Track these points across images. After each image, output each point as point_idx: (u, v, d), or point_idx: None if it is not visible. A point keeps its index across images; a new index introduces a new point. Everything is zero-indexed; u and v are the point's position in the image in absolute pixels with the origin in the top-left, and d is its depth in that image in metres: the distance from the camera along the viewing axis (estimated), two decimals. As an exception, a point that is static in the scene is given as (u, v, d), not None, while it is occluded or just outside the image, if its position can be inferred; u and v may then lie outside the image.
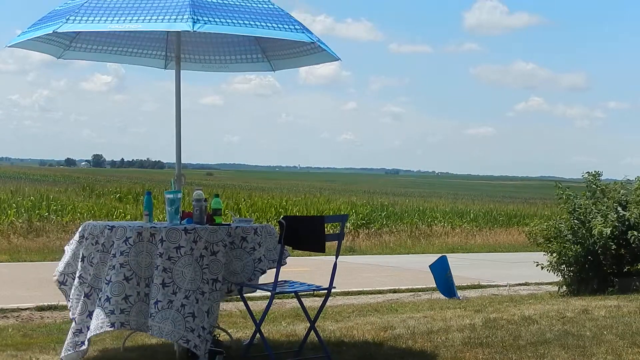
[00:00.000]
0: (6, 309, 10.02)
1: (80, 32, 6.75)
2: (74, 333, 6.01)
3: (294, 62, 7.16)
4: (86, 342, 5.91)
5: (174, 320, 5.67)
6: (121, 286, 5.75)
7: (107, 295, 5.75)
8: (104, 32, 6.95)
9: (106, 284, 5.78)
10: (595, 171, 12.86)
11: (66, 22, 5.59)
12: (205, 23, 5.53)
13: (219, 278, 5.97)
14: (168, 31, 7.14)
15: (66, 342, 6.02)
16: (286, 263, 6.37)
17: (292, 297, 10.27)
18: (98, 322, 5.76)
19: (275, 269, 6.14)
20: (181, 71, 6.68)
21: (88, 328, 5.89)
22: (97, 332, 5.80)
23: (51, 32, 5.70)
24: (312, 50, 6.59)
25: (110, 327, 5.78)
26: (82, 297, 6.02)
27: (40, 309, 10.16)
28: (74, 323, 6.04)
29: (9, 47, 6.28)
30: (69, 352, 5.98)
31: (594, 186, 12.66)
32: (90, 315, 5.91)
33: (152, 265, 5.77)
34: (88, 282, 6.00)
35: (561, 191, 12.67)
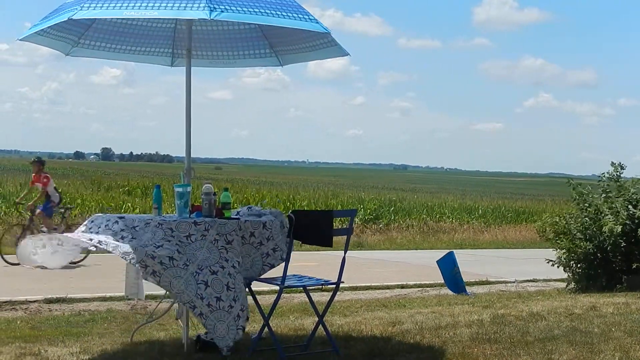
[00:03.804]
0: (15, 302, 10.06)
1: (88, 28, 6.76)
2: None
3: (302, 56, 7.13)
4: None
5: (186, 281, 5.66)
6: (113, 237, 5.74)
7: (98, 240, 5.71)
8: (112, 30, 6.95)
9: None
10: (619, 163, 12.80)
11: (81, 10, 5.56)
12: (222, 11, 5.46)
13: (240, 260, 5.96)
14: (175, 28, 7.13)
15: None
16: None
17: (300, 292, 10.27)
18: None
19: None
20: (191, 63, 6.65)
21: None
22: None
23: (66, 19, 5.66)
24: (321, 45, 6.57)
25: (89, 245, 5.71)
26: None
27: (49, 301, 10.19)
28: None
29: (20, 40, 6.28)
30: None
31: (613, 181, 12.62)
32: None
33: (156, 238, 5.74)
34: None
35: (576, 193, 12.63)
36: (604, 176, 12.81)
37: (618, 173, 12.72)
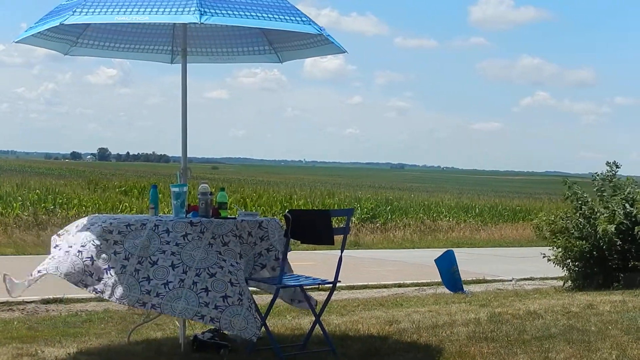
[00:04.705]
0: (11, 302, 10.01)
1: (86, 28, 6.78)
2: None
3: (300, 53, 7.16)
4: (37, 274, 5.85)
5: (186, 298, 5.61)
6: (107, 259, 5.69)
7: (91, 255, 5.69)
8: (110, 29, 6.97)
9: (94, 247, 5.73)
10: (614, 162, 12.82)
11: (73, 15, 5.59)
12: (212, 15, 5.52)
13: (239, 261, 5.95)
14: (174, 26, 7.15)
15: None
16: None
17: (297, 291, 10.26)
18: (73, 270, 5.64)
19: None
20: (187, 65, 6.67)
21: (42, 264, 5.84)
22: (67, 278, 5.67)
23: (58, 24, 5.68)
24: (319, 42, 6.59)
25: (84, 287, 5.67)
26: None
27: (46, 302, 10.16)
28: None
29: (16, 42, 6.28)
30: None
31: (607, 181, 12.64)
32: (53, 257, 5.85)
33: (152, 247, 5.72)
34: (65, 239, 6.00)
35: (569, 191, 12.66)
36: (597, 175, 12.82)
37: (613, 172, 12.73)
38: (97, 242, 5.76)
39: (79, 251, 5.75)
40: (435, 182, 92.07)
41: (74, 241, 5.88)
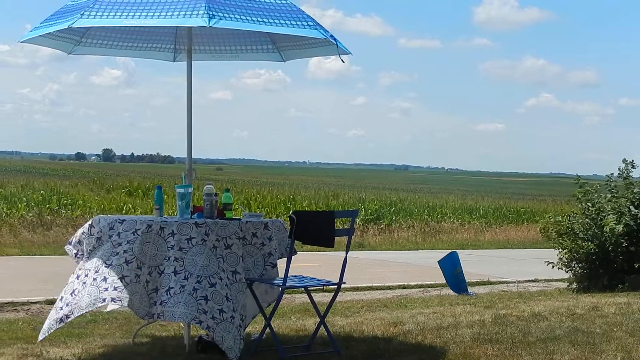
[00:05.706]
0: (16, 303, 10.05)
1: (90, 28, 6.78)
2: (57, 309, 6.00)
3: (304, 52, 7.19)
4: (65, 319, 5.91)
5: (186, 303, 5.65)
6: (120, 268, 5.74)
7: (104, 276, 5.76)
8: (114, 27, 6.97)
9: (106, 267, 5.79)
10: (632, 161, 12.81)
11: (81, 18, 5.58)
12: (221, 19, 5.52)
13: (237, 270, 5.97)
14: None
15: (49, 322, 6.02)
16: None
17: (301, 292, 10.26)
18: (90, 299, 5.75)
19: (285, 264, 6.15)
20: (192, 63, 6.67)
21: (68, 304, 5.90)
22: (89, 309, 5.81)
23: (66, 27, 5.69)
24: (323, 43, 6.60)
25: (102, 302, 5.77)
26: (74, 278, 6.03)
27: (50, 302, 10.14)
28: (59, 300, 6.03)
29: (21, 42, 6.30)
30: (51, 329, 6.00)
31: (622, 178, 12.63)
32: (73, 292, 5.91)
33: (159, 255, 5.78)
34: (82, 265, 6.05)
35: (580, 192, 12.65)
36: (611, 176, 12.82)
37: (628, 170, 12.72)
38: (109, 261, 5.81)
39: (94, 279, 5.82)
40: (439, 183, 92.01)
41: (88, 267, 5.94)
